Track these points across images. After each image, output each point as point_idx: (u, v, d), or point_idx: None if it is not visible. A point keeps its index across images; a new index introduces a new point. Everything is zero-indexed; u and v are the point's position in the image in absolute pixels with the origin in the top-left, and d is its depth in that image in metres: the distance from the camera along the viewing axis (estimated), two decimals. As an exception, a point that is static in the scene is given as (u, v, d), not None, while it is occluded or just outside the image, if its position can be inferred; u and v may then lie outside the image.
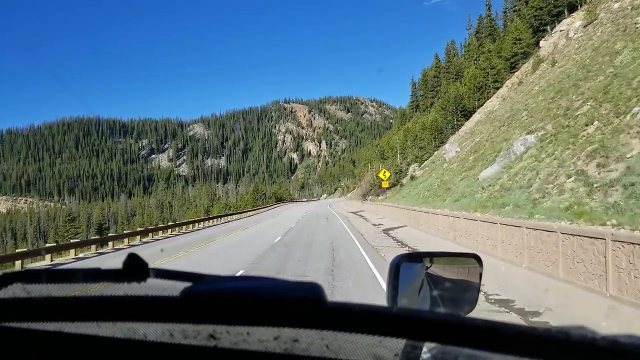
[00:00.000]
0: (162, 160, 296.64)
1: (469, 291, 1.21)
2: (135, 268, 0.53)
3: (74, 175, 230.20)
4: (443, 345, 0.44)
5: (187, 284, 0.50)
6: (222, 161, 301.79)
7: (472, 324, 0.41)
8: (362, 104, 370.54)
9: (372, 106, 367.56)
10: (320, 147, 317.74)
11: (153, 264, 0.60)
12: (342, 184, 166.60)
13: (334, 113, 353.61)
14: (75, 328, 0.54)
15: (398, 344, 0.55)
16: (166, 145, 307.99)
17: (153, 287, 0.52)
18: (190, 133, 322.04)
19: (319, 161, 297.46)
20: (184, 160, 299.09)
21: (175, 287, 0.49)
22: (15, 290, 0.55)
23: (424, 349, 0.73)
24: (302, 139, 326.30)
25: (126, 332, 0.55)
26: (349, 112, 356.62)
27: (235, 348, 0.55)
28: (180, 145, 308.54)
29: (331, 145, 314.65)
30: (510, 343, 0.40)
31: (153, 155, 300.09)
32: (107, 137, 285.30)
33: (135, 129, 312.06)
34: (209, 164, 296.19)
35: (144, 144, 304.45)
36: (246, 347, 0.55)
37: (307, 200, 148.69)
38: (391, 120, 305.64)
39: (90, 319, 0.52)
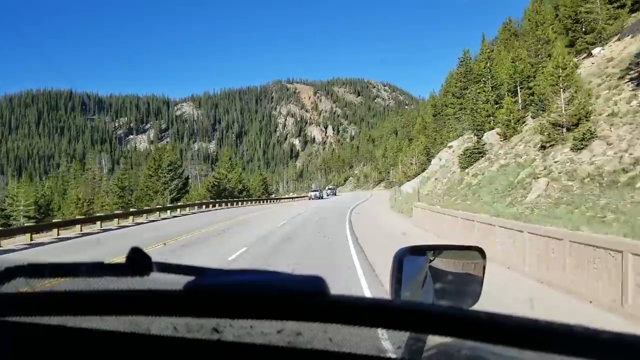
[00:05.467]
0: (142, 141, 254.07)
1: (472, 284, 1.20)
2: (139, 262, 0.52)
3: (24, 154, 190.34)
4: (446, 337, 0.44)
5: (190, 278, 0.49)
6: (212, 145, 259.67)
7: (475, 317, 0.41)
8: (375, 87, 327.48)
9: (384, 90, 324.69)
10: (326, 132, 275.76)
11: None
12: (356, 172, 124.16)
13: (342, 96, 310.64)
14: (79, 322, 0.53)
15: (401, 337, 0.56)
16: (148, 125, 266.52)
17: (156, 281, 0.52)
18: (178, 112, 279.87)
19: (324, 148, 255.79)
20: (167, 142, 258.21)
21: (178, 281, 0.49)
22: (19, 284, 0.54)
23: (427, 341, 0.73)
24: (306, 123, 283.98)
25: (130, 325, 0.54)
26: (359, 95, 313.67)
27: (238, 341, 0.55)
28: (164, 126, 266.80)
29: (339, 131, 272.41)
30: (512, 335, 0.39)
31: (131, 136, 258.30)
32: (78, 113, 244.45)
33: (113, 106, 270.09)
34: (196, 147, 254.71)
35: (121, 123, 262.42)
36: (249, 341, 0.55)
37: (317, 196, 67.52)
38: (406, 106, 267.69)
39: (94, 313, 0.51)
